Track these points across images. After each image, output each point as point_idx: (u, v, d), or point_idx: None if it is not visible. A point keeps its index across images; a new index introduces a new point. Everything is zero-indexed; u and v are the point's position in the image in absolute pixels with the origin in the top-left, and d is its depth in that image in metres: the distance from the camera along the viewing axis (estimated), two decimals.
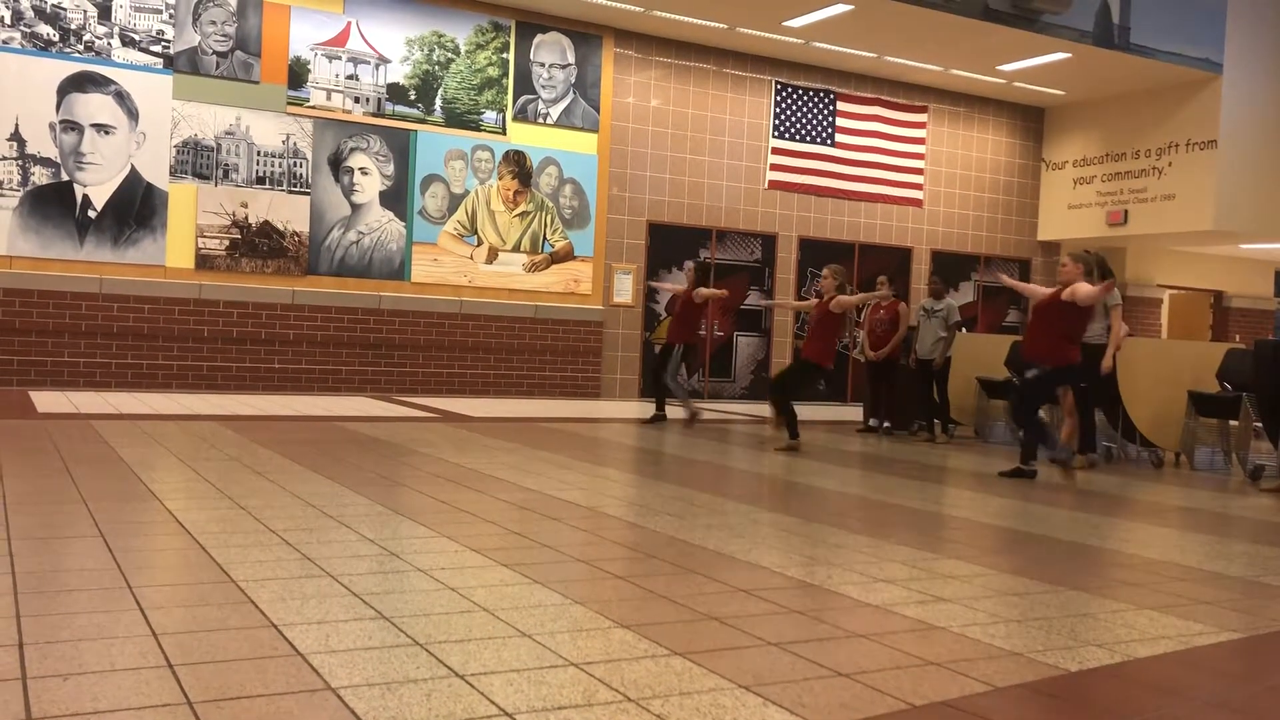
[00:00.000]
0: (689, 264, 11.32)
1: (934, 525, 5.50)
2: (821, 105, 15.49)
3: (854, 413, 12.90)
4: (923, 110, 16.25)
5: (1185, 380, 8.99)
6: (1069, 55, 14.30)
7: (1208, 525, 6.00)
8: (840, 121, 15.63)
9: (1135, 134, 16.08)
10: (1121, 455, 9.47)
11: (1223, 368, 8.88)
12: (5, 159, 11.04)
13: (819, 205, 15.56)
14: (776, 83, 15.15)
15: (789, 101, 15.26)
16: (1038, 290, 7.88)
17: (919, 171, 16.29)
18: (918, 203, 16.32)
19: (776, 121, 15.20)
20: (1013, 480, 7.41)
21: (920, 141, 16.27)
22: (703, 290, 10.64)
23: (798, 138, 15.35)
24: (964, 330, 12.31)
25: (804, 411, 10.07)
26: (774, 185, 15.21)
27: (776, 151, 15.21)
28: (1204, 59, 14.86)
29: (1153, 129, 15.83)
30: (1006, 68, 15.02)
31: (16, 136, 11.07)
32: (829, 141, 15.56)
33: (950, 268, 16.48)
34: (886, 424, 10.92)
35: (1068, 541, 5.18)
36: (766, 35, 13.99)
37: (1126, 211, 16.16)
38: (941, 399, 10.69)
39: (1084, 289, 7.23)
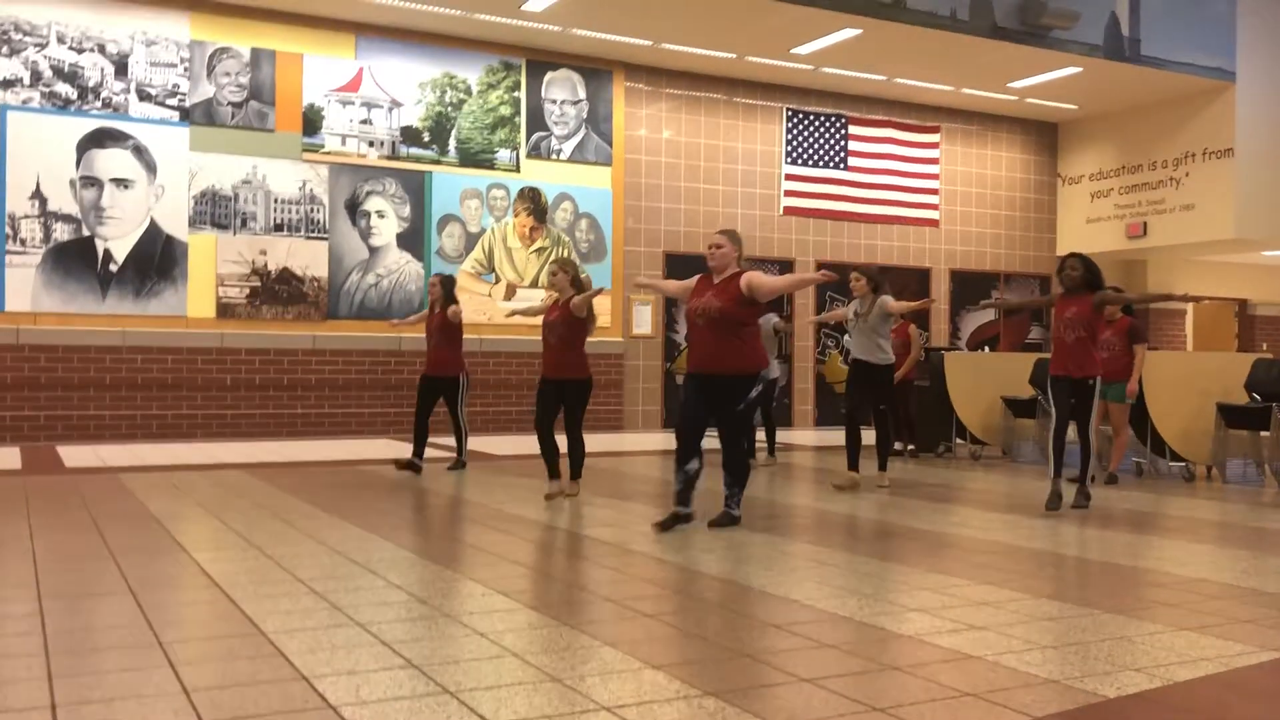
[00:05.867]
0: None
1: (964, 550, 5.45)
2: (833, 130, 15.52)
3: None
4: (935, 130, 16.25)
5: (1213, 392, 8.89)
6: (1080, 70, 14.29)
7: (1243, 540, 5.91)
8: (853, 145, 15.65)
9: (1151, 145, 16.03)
10: (1152, 470, 9.37)
11: (1251, 378, 8.78)
12: (27, 217, 11.19)
13: (835, 229, 15.56)
14: (787, 109, 15.20)
15: (801, 127, 15.30)
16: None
17: (934, 191, 16.28)
18: (934, 223, 16.29)
19: (789, 148, 15.24)
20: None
21: (934, 161, 16.26)
22: None
23: (811, 163, 15.38)
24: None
25: (831, 436, 9.97)
26: (789, 211, 15.22)
27: (790, 177, 15.24)
28: (1216, 68, 14.82)
29: (1168, 139, 15.77)
30: (1018, 84, 15.02)
31: (38, 194, 11.22)
32: (842, 165, 15.58)
33: (970, 286, 16.43)
34: (910, 446, 10.84)
35: (1101, 562, 5.11)
36: (776, 63, 14.05)
37: (1145, 223, 16.09)
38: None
39: None
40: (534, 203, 13.54)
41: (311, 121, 12.41)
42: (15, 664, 3.16)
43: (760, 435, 9.78)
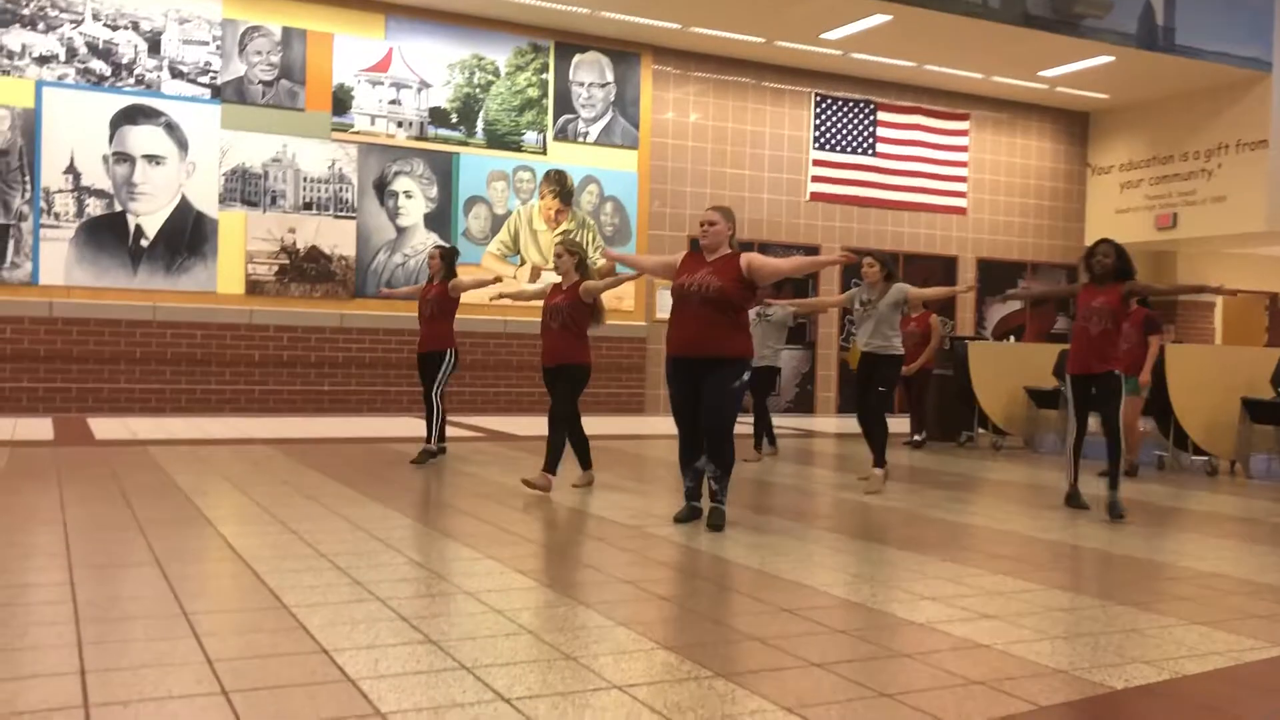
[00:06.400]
0: None
1: (980, 540, 5.47)
2: (862, 116, 15.46)
3: (902, 423, 12.79)
4: (964, 118, 16.16)
5: (1239, 386, 8.85)
6: (1112, 58, 14.16)
7: (1264, 536, 5.90)
8: (881, 131, 15.58)
9: (1183, 136, 15.87)
10: (1174, 464, 9.34)
11: (1277, 373, 8.73)
12: (61, 191, 11.33)
13: (861, 216, 15.52)
14: (816, 94, 15.15)
15: (829, 113, 15.25)
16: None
17: (962, 179, 16.19)
18: (961, 211, 16.21)
19: (817, 133, 15.19)
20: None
21: (963, 149, 16.17)
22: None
23: (838, 149, 15.33)
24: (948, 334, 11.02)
25: (853, 424, 9.97)
26: (816, 197, 15.19)
27: (818, 163, 15.20)
28: (1252, 58, 14.64)
29: (1201, 130, 15.61)
30: (1049, 73, 14.90)
31: (72, 169, 11.36)
32: (870, 152, 15.52)
33: (996, 275, 16.35)
34: (918, 436, 10.72)
35: (1118, 555, 5.12)
36: (805, 48, 14.00)
37: (1176, 214, 15.95)
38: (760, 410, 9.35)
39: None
40: (560, 185, 13.58)
41: (341, 101, 12.49)
42: (47, 631, 3.25)
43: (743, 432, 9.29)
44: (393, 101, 12.74)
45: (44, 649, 3.06)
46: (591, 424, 11.93)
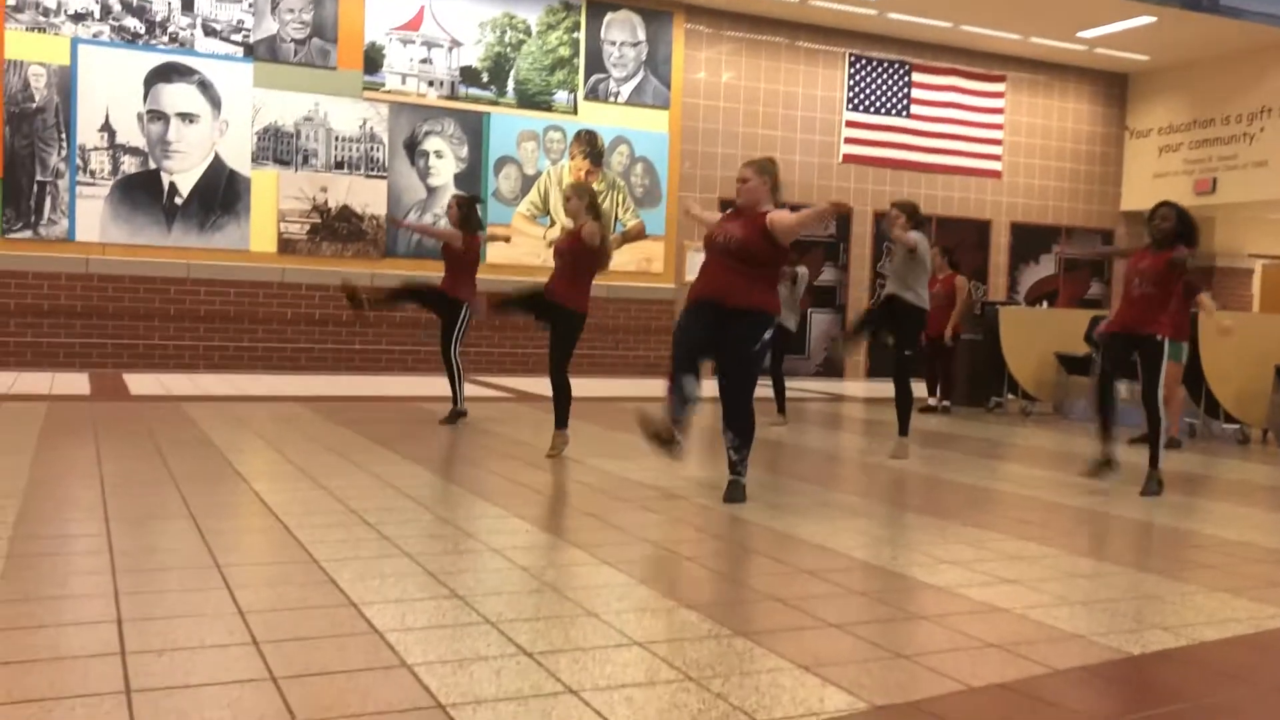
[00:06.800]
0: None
1: (1004, 505, 5.48)
2: (896, 77, 15.28)
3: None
4: (1000, 79, 15.94)
5: (1273, 354, 8.76)
6: (1154, 19, 13.89)
7: None
8: (916, 93, 15.41)
9: (1225, 99, 15.58)
10: (1205, 432, 9.27)
11: None
12: (97, 149, 11.44)
13: (895, 178, 15.39)
14: (850, 55, 14.99)
15: (863, 74, 15.09)
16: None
17: (997, 142, 16.00)
18: (996, 174, 16.04)
19: (850, 94, 15.05)
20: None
21: (998, 111, 15.97)
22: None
23: (872, 110, 15.18)
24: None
25: (881, 388, 9.97)
26: (848, 159, 15.07)
27: (851, 125, 15.07)
28: None
29: (1243, 93, 15.32)
30: (1088, 34, 14.65)
31: (107, 127, 11.46)
32: (904, 113, 15.36)
33: (1031, 239, 16.20)
34: (946, 402, 10.68)
35: (1143, 522, 5.12)
36: (840, 7, 13.84)
37: (1215, 179, 15.70)
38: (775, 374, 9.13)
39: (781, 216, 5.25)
40: (590, 146, 13.55)
41: (372, 60, 12.50)
42: (85, 581, 3.34)
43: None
44: (424, 60, 12.73)
45: (83, 598, 3.16)
46: (619, 385, 12.00)
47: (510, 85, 13.16)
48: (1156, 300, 6.04)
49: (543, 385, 11.56)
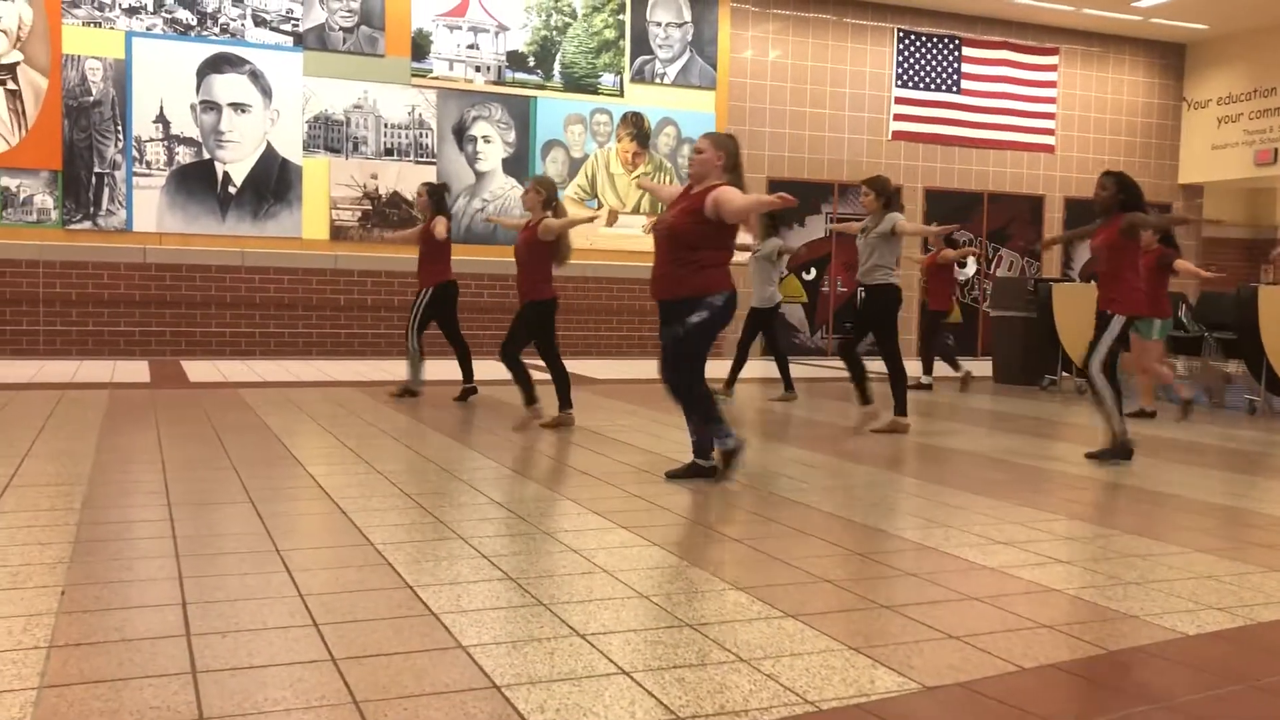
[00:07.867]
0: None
1: (1058, 484, 5.43)
2: (946, 51, 15.09)
3: (985, 367, 12.64)
4: (1053, 52, 15.67)
5: None
6: None
7: None
8: (966, 68, 15.21)
9: None
10: (1267, 409, 9.10)
11: None
12: (152, 140, 11.65)
13: (945, 155, 15.21)
14: (899, 30, 14.81)
15: (912, 49, 14.91)
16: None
17: (1050, 116, 15.75)
18: (1049, 149, 15.80)
19: (899, 70, 14.88)
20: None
21: (1051, 85, 15.71)
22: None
23: (922, 86, 15.01)
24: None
25: (931, 368, 9.89)
26: (898, 136, 14.93)
27: (900, 101, 14.91)
28: None
29: None
30: (1143, 3, 14.35)
31: (161, 119, 11.66)
32: (955, 89, 15.17)
33: (1085, 215, 15.92)
34: (927, 380, 10.10)
35: (1199, 501, 5.06)
36: None
37: (1277, 150, 15.33)
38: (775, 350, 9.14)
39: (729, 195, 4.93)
40: (637, 128, 13.54)
41: (420, 46, 12.58)
42: (151, 564, 3.44)
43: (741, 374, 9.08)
44: (470, 46, 12.79)
45: (148, 582, 3.25)
46: (640, 367, 12.01)
47: (556, 69, 13.18)
48: (1108, 276, 6.23)
49: (590, 368, 11.66)
